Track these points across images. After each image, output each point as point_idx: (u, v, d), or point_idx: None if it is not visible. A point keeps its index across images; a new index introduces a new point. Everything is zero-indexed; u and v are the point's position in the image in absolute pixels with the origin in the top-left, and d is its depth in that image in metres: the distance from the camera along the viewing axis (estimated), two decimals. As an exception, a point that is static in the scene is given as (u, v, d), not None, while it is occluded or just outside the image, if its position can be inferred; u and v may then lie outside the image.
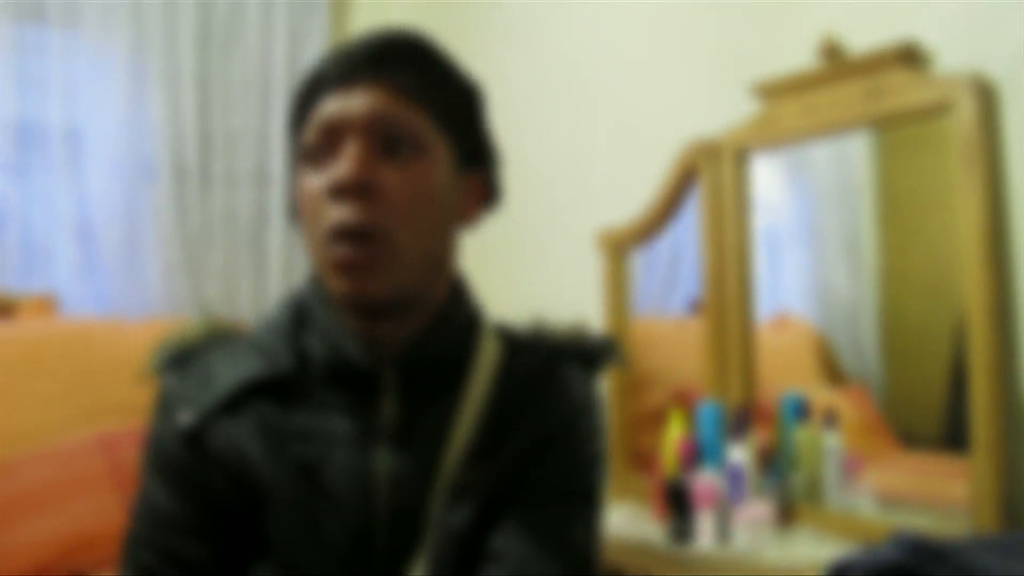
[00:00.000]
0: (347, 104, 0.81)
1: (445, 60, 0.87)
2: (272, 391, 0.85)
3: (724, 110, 1.76)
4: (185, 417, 0.85)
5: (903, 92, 1.43)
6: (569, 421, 0.91)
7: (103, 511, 1.52)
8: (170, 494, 0.85)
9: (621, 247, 2.00)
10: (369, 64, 0.82)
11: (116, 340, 1.86)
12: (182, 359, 0.91)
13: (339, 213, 0.79)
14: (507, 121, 2.21)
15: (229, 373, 0.87)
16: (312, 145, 0.82)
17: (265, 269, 2.51)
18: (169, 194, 2.35)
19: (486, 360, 0.90)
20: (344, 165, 0.79)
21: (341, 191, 0.79)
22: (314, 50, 2.57)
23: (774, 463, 1.63)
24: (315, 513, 0.82)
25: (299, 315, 0.90)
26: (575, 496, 0.90)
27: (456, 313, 0.91)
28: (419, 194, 0.82)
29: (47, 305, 2.04)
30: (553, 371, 0.93)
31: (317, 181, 0.81)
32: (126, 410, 1.71)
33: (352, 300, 0.82)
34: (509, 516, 0.85)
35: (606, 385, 1.93)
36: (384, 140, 0.81)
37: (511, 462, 0.87)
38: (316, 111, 0.83)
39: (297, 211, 0.88)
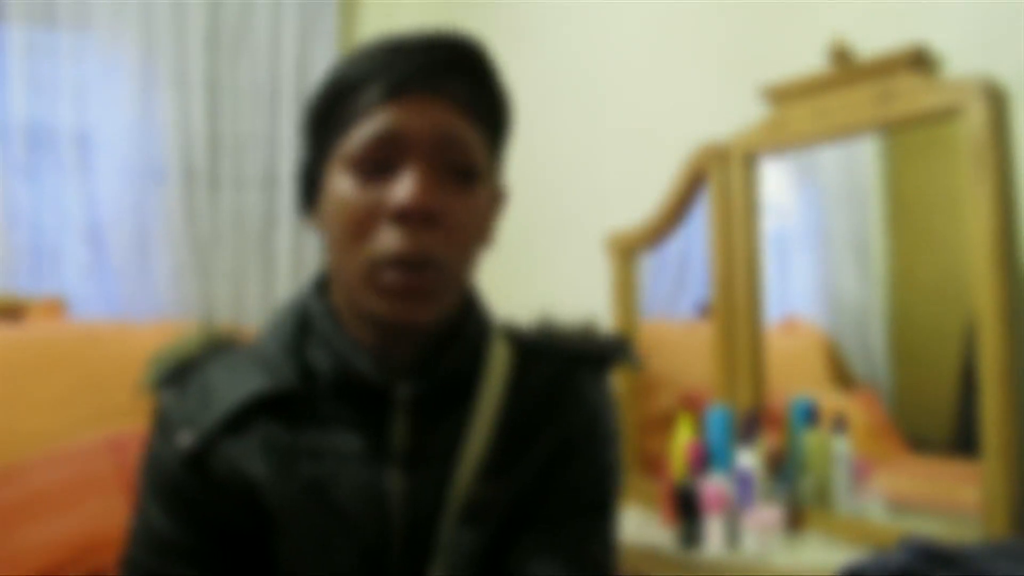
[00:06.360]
0: (409, 119, 0.76)
1: (498, 72, 0.82)
2: (276, 407, 0.82)
3: (733, 113, 1.76)
4: (186, 439, 0.81)
5: (913, 96, 1.43)
6: (587, 430, 0.89)
7: (113, 513, 1.52)
8: (169, 518, 0.82)
9: (630, 250, 2.00)
10: (432, 73, 0.77)
11: (125, 342, 1.87)
12: (180, 374, 0.87)
13: (398, 241, 0.75)
14: (516, 124, 2.21)
15: (231, 390, 0.82)
16: (363, 156, 0.77)
17: (273, 272, 2.51)
18: (178, 197, 2.35)
19: (498, 370, 0.87)
20: (407, 188, 0.74)
21: (402, 217, 0.75)
22: (323, 53, 2.57)
23: (783, 468, 1.63)
24: (326, 533, 0.79)
25: (301, 326, 0.86)
26: (593, 508, 0.88)
27: (468, 324, 0.88)
28: (474, 222, 0.80)
29: (56, 307, 2.04)
30: (567, 378, 0.90)
31: (366, 197, 0.76)
32: (135, 412, 1.71)
33: (395, 325, 0.79)
34: (529, 535, 0.84)
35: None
36: (447, 163, 0.77)
37: (528, 476, 0.85)
38: (365, 117, 0.77)
39: (315, 211, 0.84)
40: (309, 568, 0.80)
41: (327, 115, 0.81)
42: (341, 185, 0.78)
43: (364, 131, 0.76)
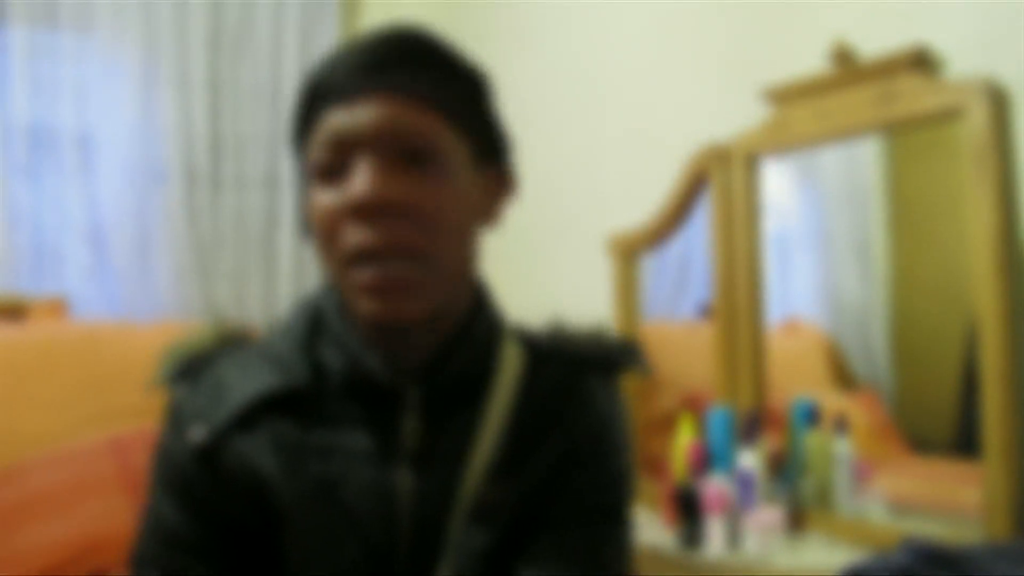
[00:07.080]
0: (354, 117, 0.76)
1: (449, 54, 0.81)
2: (287, 405, 0.82)
3: (735, 115, 1.76)
4: (197, 434, 0.81)
5: (915, 97, 1.43)
6: (596, 435, 0.88)
7: (114, 514, 1.52)
8: (180, 512, 0.82)
9: (631, 251, 2.00)
10: (372, 71, 0.76)
11: (126, 343, 1.87)
12: (192, 369, 0.87)
13: (360, 236, 0.74)
14: (517, 125, 2.21)
15: (243, 386, 0.83)
16: (321, 162, 0.77)
17: (275, 272, 2.51)
18: (180, 198, 2.36)
19: (509, 371, 0.87)
20: (359, 183, 0.74)
21: (359, 211, 0.74)
22: (324, 53, 2.57)
23: (784, 469, 1.63)
24: (334, 532, 0.80)
25: (314, 324, 0.86)
26: (605, 513, 0.87)
27: (479, 323, 0.87)
28: (445, 205, 0.78)
29: (58, 308, 2.04)
30: (577, 382, 0.89)
31: (330, 200, 0.77)
32: (137, 413, 1.71)
33: (383, 324, 0.79)
34: (538, 538, 0.84)
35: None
36: (400, 152, 0.76)
37: (536, 479, 0.85)
38: (321, 125, 0.78)
39: (310, 228, 0.84)
40: (316, 566, 0.80)
41: (299, 133, 0.82)
42: (314, 195, 0.79)
43: (319, 139, 0.78)
